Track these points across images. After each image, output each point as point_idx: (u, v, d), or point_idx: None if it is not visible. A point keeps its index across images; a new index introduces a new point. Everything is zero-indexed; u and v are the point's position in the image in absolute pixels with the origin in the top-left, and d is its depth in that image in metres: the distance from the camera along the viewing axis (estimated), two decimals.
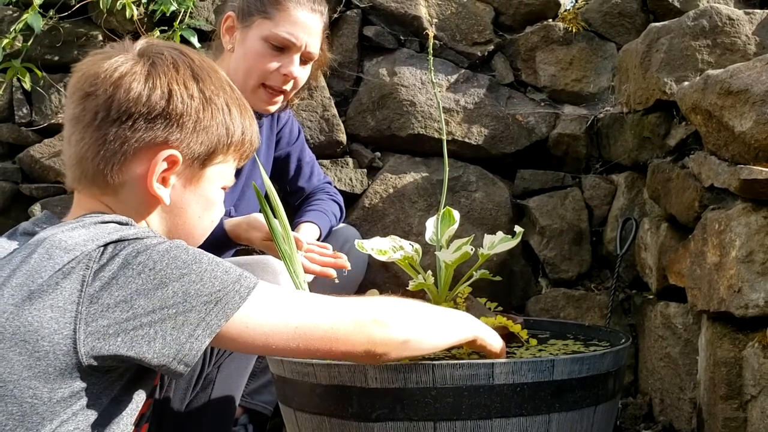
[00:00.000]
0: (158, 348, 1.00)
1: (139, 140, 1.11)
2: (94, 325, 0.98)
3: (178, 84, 1.13)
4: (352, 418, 1.36)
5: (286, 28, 1.90)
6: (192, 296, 1.01)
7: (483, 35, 2.59)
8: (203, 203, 1.20)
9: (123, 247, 1.02)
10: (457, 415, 1.31)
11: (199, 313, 1.01)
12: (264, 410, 2.03)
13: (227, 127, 1.18)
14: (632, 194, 2.38)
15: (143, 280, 1.00)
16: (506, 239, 1.76)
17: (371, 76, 2.55)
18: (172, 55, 1.16)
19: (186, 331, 1.01)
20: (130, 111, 1.10)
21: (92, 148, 1.11)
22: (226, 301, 1.03)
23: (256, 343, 1.08)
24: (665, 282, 2.08)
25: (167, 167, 1.13)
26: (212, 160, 1.18)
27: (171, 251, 1.03)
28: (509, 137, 2.54)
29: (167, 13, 2.44)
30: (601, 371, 1.42)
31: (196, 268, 1.03)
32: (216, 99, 1.17)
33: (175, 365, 1.02)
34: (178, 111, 1.12)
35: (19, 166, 2.56)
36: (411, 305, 1.26)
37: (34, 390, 0.97)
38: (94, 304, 0.98)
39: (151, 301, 0.99)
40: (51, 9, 2.48)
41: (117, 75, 1.11)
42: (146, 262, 1.01)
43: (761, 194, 1.61)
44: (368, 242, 1.75)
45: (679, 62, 2.11)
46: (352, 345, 1.14)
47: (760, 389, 1.60)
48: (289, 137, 2.23)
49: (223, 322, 1.03)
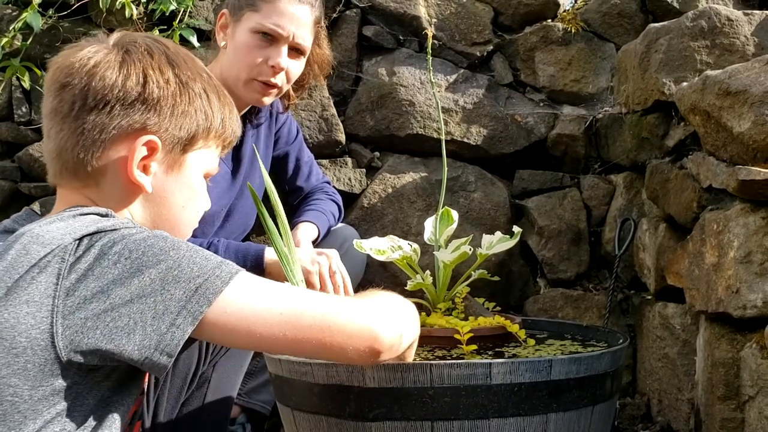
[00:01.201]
0: (138, 339, 0.97)
1: (117, 127, 1.10)
2: (71, 318, 0.96)
3: (153, 69, 1.12)
4: (349, 418, 1.36)
5: (273, 19, 1.90)
6: (170, 283, 0.99)
7: (482, 35, 2.59)
8: (186, 191, 1.18)
9: (99, 239, 1.00)
10: (454, 414, 1.31)
11: (179, 301, 0.99)
12: (262, 409, 2.04)
13: (205, 112, 1.17)
14: (631, 195, 2.38)
15: (119, 269, 0.98)
16: (504, 239, 1.76)
17: (370, 75, 2.55)
18: (146, 42, 1.16)
19: (167, 319, 0.98)
20: (107, 98, 1.09)
21: (71, 138, 1.10)
22: (206, 287, 1.00)
23: (240, 329, 1.03)
24: (663, 282, 2.08)
25: (147, 154, 1.12)
26: (193, 145, 1.17)
27: (148, 240, 1.01)
28: (508, 137, 2.54)
29: (166, 12, 2.44)
30: (598, 371, 1.42)
31: (174, 255, 1.00)
32: (193, 84, 1.16)
33: (158, 356, 0.99)
34: (155, 96, 1.11)
35: (18, 164, 2.56)
36: (397, 300, 1.22)
37: (14, 388, 0.95)
38: (70, 296, 0.97)
39: (128, 289, 0.97)
40: (50, 8, 2.48)
41: (91, 64, 1.10)
42: (122, 251, 0.99)
43: (759, 195, 1.61)
44: (367, 242, 1.75)
45: (678, 63, 2.11)
46: (349, 337, 1.08)
47: (758, 390, 1.60)
48: (287, 137, 2.23)
49: (205, 309, 1.00)
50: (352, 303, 1.13)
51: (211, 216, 1.99)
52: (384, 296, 1.21)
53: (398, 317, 1.17)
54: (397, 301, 1.22)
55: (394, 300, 1.22)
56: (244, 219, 2.12)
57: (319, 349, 1.08)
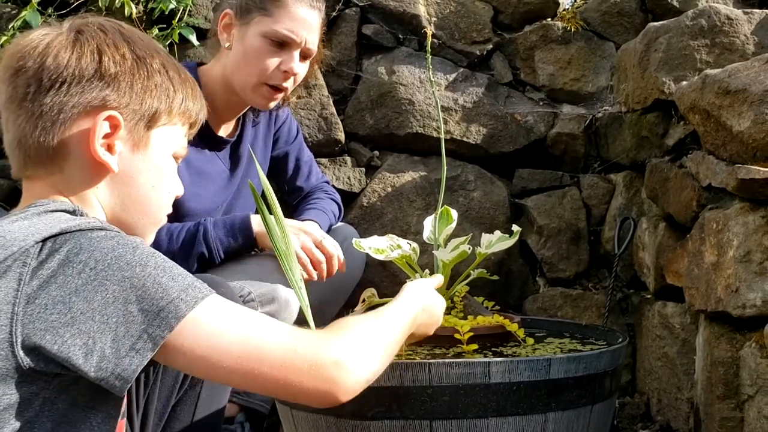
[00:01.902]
0: (95, 361, 0.93)
1: (76, 105, 1.07)
2: (30, 327, 0.93)
3: (108, 46, 1.10)
4: (348, 417, 1.36)
5: (286, 25, 1.90)
6: (132, 303, 0.94)
7: (482, 34, 2.59)
8: (154, 170, 1.14)
9: (65, 241, 0.96)
10: (453, 413, 1.31)
11: (140, 324, 0.94)
12: (261, 408, 2.03)
13: (166, 87, 1.14)
14: (630, 194, 2.38)
15: (83, 279, 0.94)
16: (504, 238, 1.76)
17: (370, 74, 2.55)
18: (99, 21, 1.14)
19: (126, 343, 0.94)
20: (62, 76, 1.06)
21: (30, 122, 1.07)
22: (169, 310, 0.95)
23: (200, 358, 0.97)
24: (663, 281, 2.08)
25: (110, 132, 1.09)
26: (156, 121, 1.13)
27: (116, 249, 0.97)
28: (508, 136, 2.54)
29: (166, 11, 2.43)
30: (597, 370, 1.42)
31: (140, 272, 0.96)
32: (150, 60, 1.13)
33: (113, 380, 0.94)
34: (111, 71, 1.09)
35: None
36: (368, 330, 1.11)
37: None
38: (30, 304, 0.93)
39: (90, 304, 0.93)
40: (49, 6, 2.48)
41: (43, 45, 1.08)
42: (87, 260, 0.95)
43: (759, 194, 1.61)
44: (366, 241, 1.75)
45: (678, 62, 2.11)
46: (308, 377, 1.00)
47: (757, 389, 1.60)
48: (287, 136, 2.23)
49: (167, 333, 0.95)
50: (320, 340, 1.04)
51: (207, 213, 1.99)
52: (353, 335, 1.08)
53: (372, 354, 1.08)
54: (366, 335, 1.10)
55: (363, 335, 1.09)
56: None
57: (276, 388, 1.01)
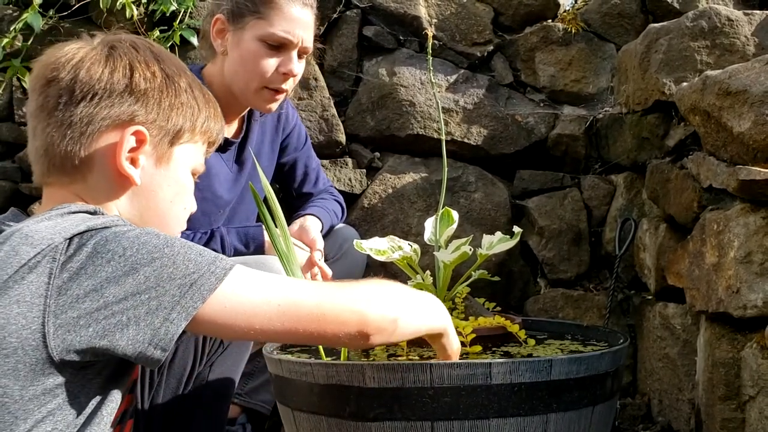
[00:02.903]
0: (132, 334, 0.97)
1: (105, 118, 1.11)
2: (63, 317, 0.96)
3: (139, 63, 1.14)
4: (349, 418, 1.36)
5: (282, 26, 1.89)
6: (165, 280, 0.98)
7: (482, 35, 2.59)
8: (174, 186, 1.18)
9: (91, 236, 1.00)
10: (454, 414, 1.31)
11: (173, 297, 0.98)
12: (262, 409, 2.03)
13: (191, 106, 1.18)
14: (631, 195, 2.38)
15: (113, 267, 0.97)
16: (505, 239, 1.76)
17: (371, 76, 2.55)
18: (131, 38, 1.18)
19: (160, 315, 0.98)
20: (94, 89, 1.10)
21: (59, 131, 1.10)
22: (201, 283, 1.00)
23: (238, 324, 1.03)
24: (664, 282, 2.08)
25: (135, 146, 1.12)
26: (179, 138, 1.18)
27: (141, 237, 1.00)
28: (508, 137, 2.54)
29: (167, 13, 2.44)
30: (599, 371, 1.42)
31: (168, 252, 1.00)
32: (178, 79, 1.18)
33: (151, 351, 0.99)
34: (141, 88, 1.13)
35: (18, 165, 2.56)
36: (394, 287, 1.22)
37: (3, 388, 0.95)
38: (62, 295, 0.96)
39: (122, 288, 0.97)
40: (51, 8, 2.48)
41: (78, 58, 1.12)
42: (116, 249, 0.98)
43: (760, 195, 1.61)
44: (367, 242, 1.75)
45: (678, 63, 2.11)
46: (342, 323, 1.09)
47: (759, 390, 1.60)
48: (296, 143, 2.23)
49: (200, 304, 1.00)
50: (344, 290, 1.13)
51: (211, 215, 1.99)
52: (378, 283, 1.20)
53: (392, 301, 1.17)
54: (394, 287, 1.21)
55: (389, 287, 1.21)
56: (244, 222, 2.11)
57: (312, 337, 1.10)
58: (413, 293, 1.25)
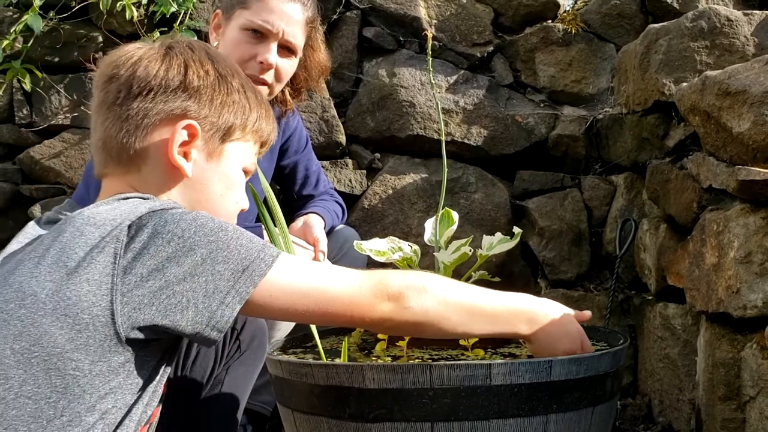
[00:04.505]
0: (191, 316, 1.04)
1: (159, 112, 1.17)
2: (129, 295, 1.01)
3: (193, 61, 1.21)
4: (349, 419, 1.36)
5: (262, 16, 1.90)
6: (220, 263, 1.05)
7: (482, 36, 2.60)
8: (225, 180, 1.24)
9: (150, 218, 1.05)
10: (454, 415, 1.30)
11: (227, 281, 1.05)
12: (263, 410, 2.03)
13: (243, 105, 1.24)
14: (631, 195, 2.38)
15: (173, 247, 1.03)
16: (505, 240, 1.76)
17: (371, 77, 2.55)
18: (188, 40, 1.27)
19: (217, 298, 1.05)
20: (150, 85, 1.17)
21: (116, 124, 1.17)
22: (253, 269, 1.07)
23: (281, 308, 1.12)
24: (664, 283, 2.08)
25: (187, 139, 1.18)
26: (230, 135, 1.23)
27: (198, 219, 1.07)
28: (509, 138, 2.54)
29: (167, 14, 2.44)
30: (599, 372, 1.42)
31: (222, 236, 1.07)
32: (231, 79, 1.24)
33: (208, 332, 1.06)
34: (195, 85, 1.19)
35: (19, 167, 2.57)
36: (444, 285, 1.26)
37: (76, 362, 1.00)
38: (128, 274, 1.02)
39: (181, 268, 1.03)
40: (51, 10, 2.49)
41: (136, 57, 1.19)
42: (174, 230, 1.04)
43: (759, 195, 1.61)
44: (367, 243, 1.75)
45: (678, 63, 2.11)
46: (369, 313, 1.18)
47: (759, 390, 1.60)
48: (297, 146, 2.23)
49: (251, 289, 1.07)
50: (381, 279, 1.20)
51: None
52: (422, 275, 1.27)
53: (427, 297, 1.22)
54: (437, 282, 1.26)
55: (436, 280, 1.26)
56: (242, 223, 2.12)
57: (348, 321, 1.19)
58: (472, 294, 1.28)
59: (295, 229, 1.99)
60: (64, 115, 2.54)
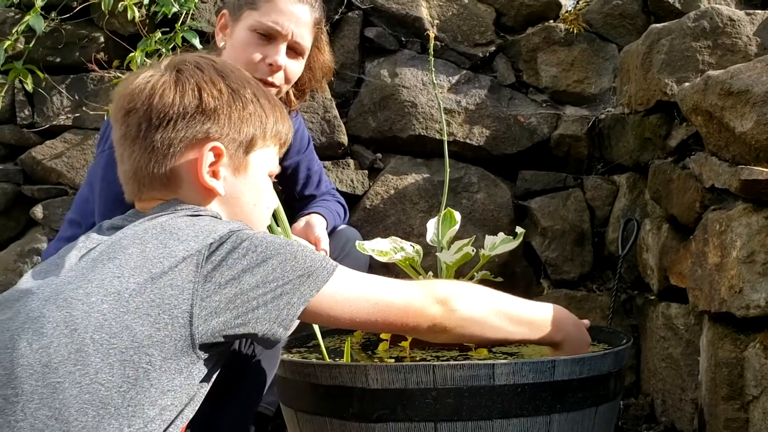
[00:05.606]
0: (261, 314, 1.12)
1: (183, 139, 1.21)
2: (208, 300, 1.09)
3: (206, 83, 1.24)
4: (353, 419, 1.36)
5: (271, 17, 1.89)
6: (288, 271, 1.14)
7: (484, 36, 2.59)
8: (255, 190, 1.30)
9: (228, 236, 1.13)
10: (457, 415, 1.31)
11: (294, 285, 1.15)
12: (266, 411, 2.03)
13: (259, 115, 1.28)
14: (634, 195, 2.38)
15: (248, 260, 1.12)
16: (507, 240, 1.76)
17: (372, 77, 2.55)
18: (195, 59, 1.28)
19: (284, 299, 1.14)
20: (169, 115, 1.21)
21: (144, 157, 1.22)
22: (316, 275, 1.17)
23: (344, 315, 1.22)
24: (666, 283, 2.08)
25: (214, 160, 1.23)
26: (253, 146, 1.28)
27: (267, 237, 1.16)
28: (511, 138, 2.54)
29: (169, 14, 2.44)
30: (602, 372, 1.42)
31: (289, 249, 1.16)
32: (243, 91, 1.27)
33: (275, 329, 1.14)
34: (211, 106, 1.23)
35: (20, 167, 2.57)
36: (486, 292, 1.37)
37: (150, 357, 1.05)
38: (208, 282, 1.09)
39: (255, 277, 1.12)
40: (53, 11, 2.49)
41: (149, 87, 1.22)
42: (249, 246, 1.13)
43: (762, 195, 1.61)
44: (369, 243, 1.75)
45: (680, 63, 2.11)
46: (421, 318, 1.27)
47: (762, 390, 1.60)
48: (299, 146, 2.23)
49: (315, 293, 1.17)
50: (430, 288, 1.31)
51: None
52: (466, 285, 1.39)
53: (471, 306, 1.32)
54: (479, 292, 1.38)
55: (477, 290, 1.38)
56: None
57: (400, 329, 1.30)
58: (509, 305, 1.39)
59: (297, 229, 2.00)
60: (66, 115, 2.54)
